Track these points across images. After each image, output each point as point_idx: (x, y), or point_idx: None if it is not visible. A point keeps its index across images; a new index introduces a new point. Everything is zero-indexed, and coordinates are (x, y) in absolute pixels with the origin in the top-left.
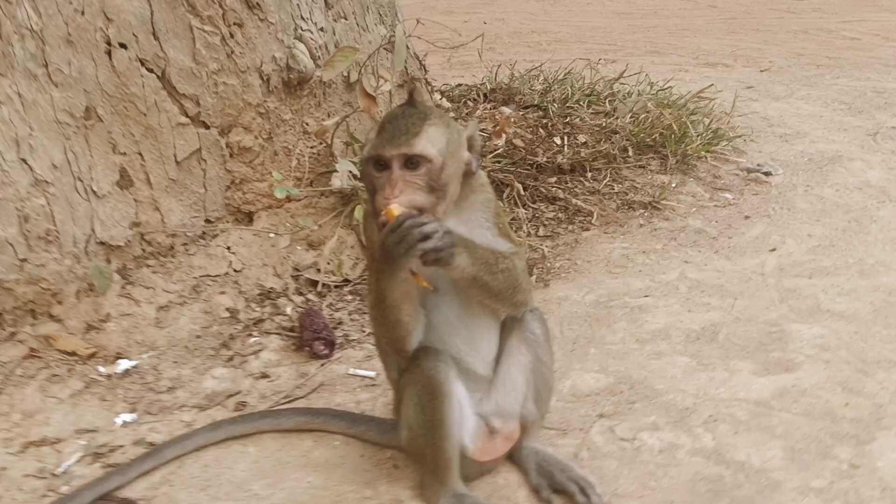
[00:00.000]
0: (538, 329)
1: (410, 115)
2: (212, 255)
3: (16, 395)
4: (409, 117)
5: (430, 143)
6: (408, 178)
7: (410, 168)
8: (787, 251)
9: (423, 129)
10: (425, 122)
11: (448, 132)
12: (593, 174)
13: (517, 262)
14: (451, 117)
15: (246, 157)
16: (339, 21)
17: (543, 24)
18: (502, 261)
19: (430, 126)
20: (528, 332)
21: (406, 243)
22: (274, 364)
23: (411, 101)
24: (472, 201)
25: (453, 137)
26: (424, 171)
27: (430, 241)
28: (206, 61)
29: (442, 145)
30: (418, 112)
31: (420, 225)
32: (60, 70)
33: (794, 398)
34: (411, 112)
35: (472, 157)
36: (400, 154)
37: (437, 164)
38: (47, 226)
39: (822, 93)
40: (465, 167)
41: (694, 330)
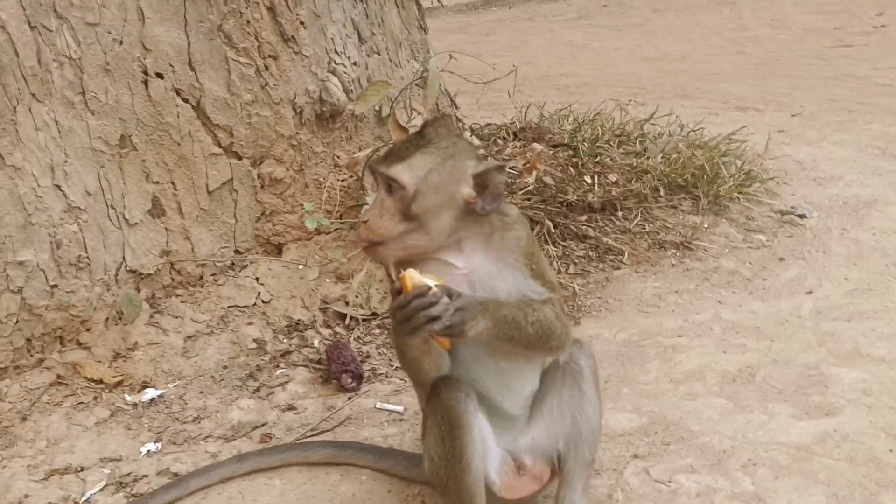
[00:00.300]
0: (583, 362)
1: (412, 140)
2: (240, 285)
3: (41, 422)
4: (410, 143)
5: (408, 170)
6: (386, 202)
7: (390, 192)
8: (823, 294)
9: (411, 155)
10: (418, 150)
11: (439, 164)
12: (624, 213)
13: (549, 311)
14: (479, 153)
15: (277, 188)
16: (372, 56)
17: (572, 67)
18: (532, 313)
19: (420, 154)
20: (572, 364)
21: (412, 324)
22: (301, 396)
23: (422, 130)
24: (500, 239)
25: (443, 170)
26: (399, 198)
27: (437, 323)
28: (241, 92)
29: (421, 173)
30: (421, 140)
31: (428, 306)
32: (97, 98)
33: (837, 443)
34: (415, 139)
35: (473, 194)
36: (381, 174)
37: (409, 193)
38: (79, 252)
39: (855, 137)
40: (467, 205)
41: (730, 371)
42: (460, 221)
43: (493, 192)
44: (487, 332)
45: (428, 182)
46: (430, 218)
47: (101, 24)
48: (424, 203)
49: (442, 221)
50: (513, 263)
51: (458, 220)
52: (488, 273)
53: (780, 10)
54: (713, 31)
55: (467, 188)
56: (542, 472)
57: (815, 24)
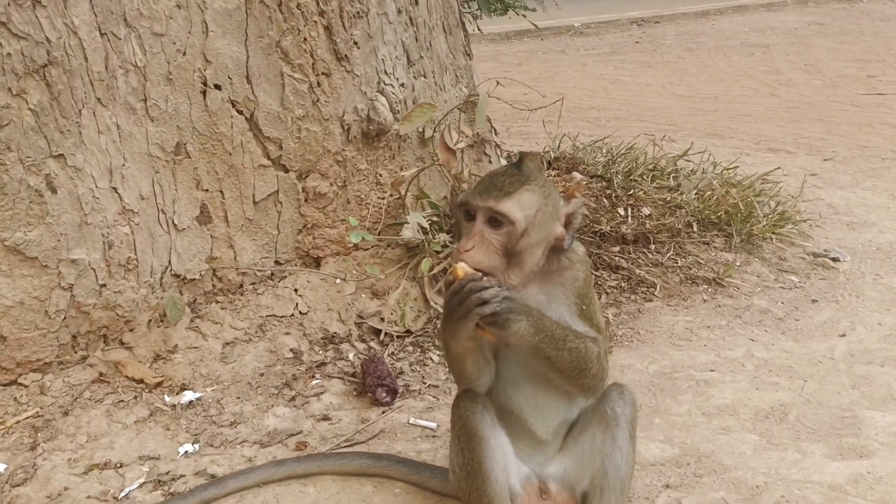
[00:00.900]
0: (620, 409)
1: (512, 174)
2: (279, 295)
3: (83, 418)
4: (510, 176)
5: (518, 206)
6: (487, 234)
7: (493, 226)
8: (857, 338)
9: (517, 190)
10: (523, 186)
11: (543, 201)
12: (657, 247)
13: (590, 346)
14: (555, 190)
15: (320, 202)
16: (418, 79)
17: (603, 101)
18: (572, 339)
19: (526, 190)
20: (607, 409)
21: (465, 307)
22: (335, 408)
23: (519, 163)
24: (559, 275)
25: (547, 208)
26: (505, 232)
27: (487, 306)
28: (293, 107)
29: (530, 211)
30: (521, 175)
31: (480, 290)
32: (158, 105)
33: (870, 485)
34: (514, 172)
35: (565, 233)
36: (486, 207)
37: (519, 229)
38: (129, 254)
39: (889, 185)
40: (556, 241)
41: (762, 408)
42: (543, 257)
43: (573, 229)
44: (528, 335)
45: (535, 220)
46: (529, 254)
47: (166, 34)
48: (529, 240)
49: (535, 257)
50: (564, 300)
51: (543, 256)
52: (538, 304)
53: (814, 55)
54: (745, 72)
55: (560, 226)
56: (565, 502)
57: (848, 71)
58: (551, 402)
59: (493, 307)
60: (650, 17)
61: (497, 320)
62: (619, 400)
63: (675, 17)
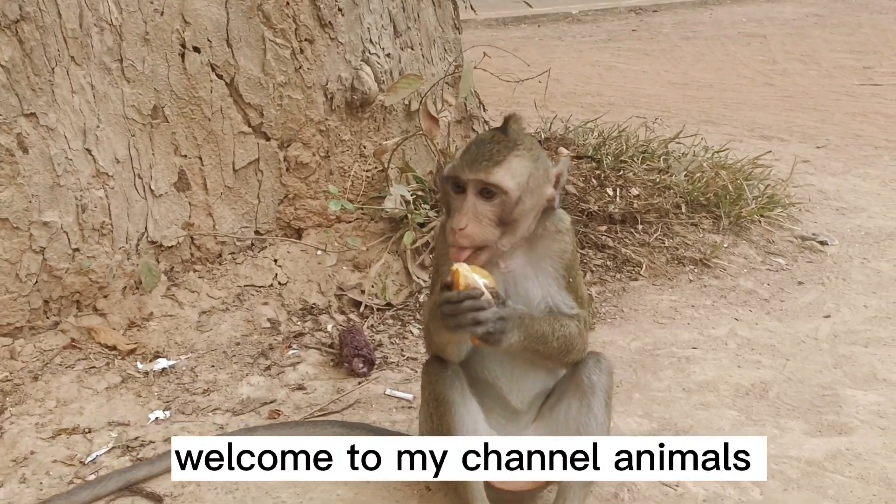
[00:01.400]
0: (596, 377)
1: (499, 141)
2: (258, 265)
3: (53, 383)
4: (497, 143)
5: (509, 175)
6: (480, 207)
7: (485, 197)
8: (841, 319)
9: (506, 158)
10: (511, 152)
11: (533, 166)
12: (644, 227)
13: (574, 327)
14: (542, 150)
15: (302, 172)
16: (405, 50)
17: (598, 87)
18: (559, 329)
19: (515, 157)
20: (584, 378)
21: (458, 321)
22: (311, 377)
23: (504, 127)
24: (547, 247)
25: (538, 172)
26: (498, 203)
27: (481, 327)
28: (275, 73)
29: (523, 179)
30: (507, 140)
31: (476, 309)
32: (134, 66)
33: (849, 461)
34: (500, 139)
35: (556, 193)
36: (476, 180)
37: (513, 198)
38: (103, 218)
39: (881, 172)
40: (547, 203)
41: (743, 385)
42: (534, 221)
43: (561, 187)
44: (518, 344)
45: (528, 186)
46: (523, 221)
47: None
48: (523, 207)
49: (528, 222)
50: (551, 273)
51: (534, 220)
52: (525, 276)
53: (811, 46)
54: (742, 62)
55: (551, 188)
56: None
57: (844, 62)
58: (529, 373)
59: (486, 328)
60: (648, 6)
61: (490, 339)
62: (596, 368)
63: (673, 6)
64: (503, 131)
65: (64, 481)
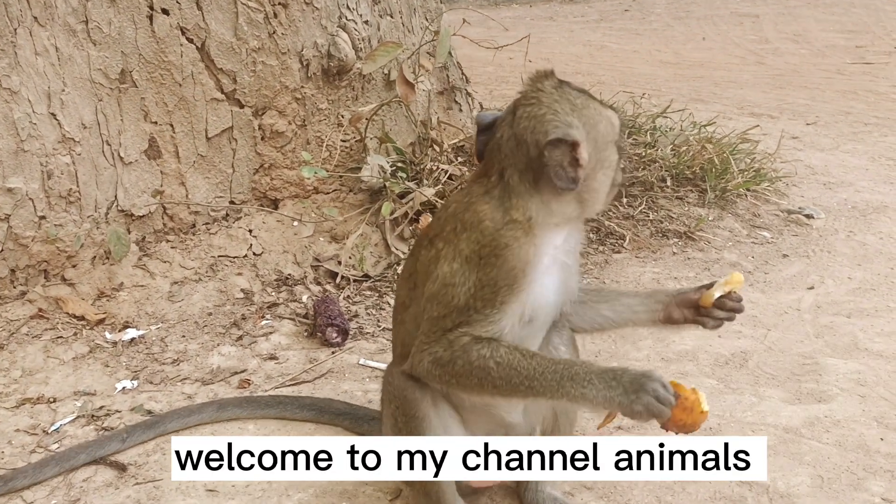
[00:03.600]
0: (563, 350)
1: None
2: (233, 236)
3: (18, 353)
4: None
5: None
6: None
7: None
8: (825, 291)
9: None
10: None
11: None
12: (629, 200)
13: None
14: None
15: (277, 141)
16: (384, 17)
17: (588, 66)
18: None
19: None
20: (550, 350)
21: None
22: (284, 347)
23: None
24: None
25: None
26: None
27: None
28: (247, 38)
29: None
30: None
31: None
32: (100, 28)
33: (826, 428)
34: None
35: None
36: None
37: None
38: (70, 185)
39: (869, 148)
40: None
41: (723, 355)
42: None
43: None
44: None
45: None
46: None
47: None
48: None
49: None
50: (577, 258)
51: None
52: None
53: (803, 26)
54: (734, 41)
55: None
56: None
57: (836, 41)
58: None
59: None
60: None
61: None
62: (558, 339)
63: None
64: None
65: (26, 450)
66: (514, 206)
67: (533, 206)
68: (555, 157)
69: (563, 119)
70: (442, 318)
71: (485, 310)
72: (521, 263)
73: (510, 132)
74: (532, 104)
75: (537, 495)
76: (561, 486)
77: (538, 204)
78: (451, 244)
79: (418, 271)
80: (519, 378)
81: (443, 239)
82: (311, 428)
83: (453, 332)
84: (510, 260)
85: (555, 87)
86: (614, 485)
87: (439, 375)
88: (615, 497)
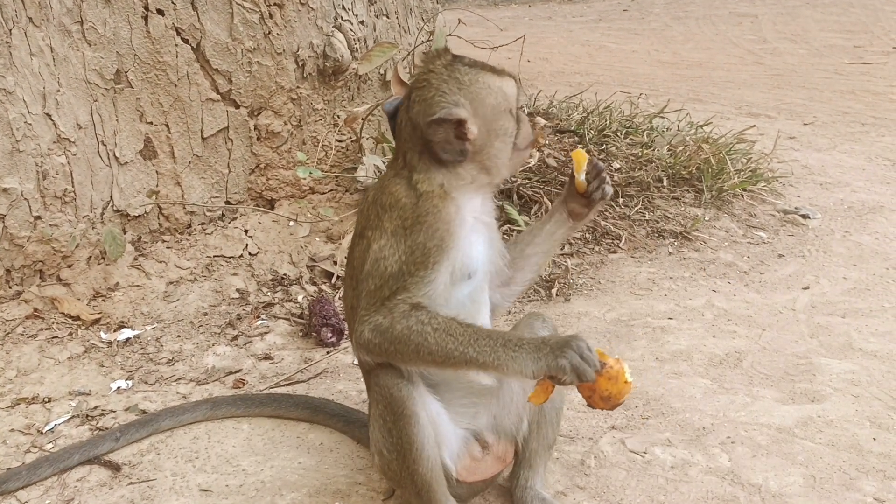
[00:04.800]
0: (545, 333)
1: None
2: (229, 236)
3: (13, 353)
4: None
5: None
6: None
7: None
8: (820, 291)
9: None
10: None
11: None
12: (625, 200)
13: None
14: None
15: (273, 141)
16: (380, 18)
17: (587, 66)
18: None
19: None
20: (533, 333)
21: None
22: (279, 347)
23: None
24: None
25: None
26: None
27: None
28: (243, 38)
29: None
30: None
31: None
32: (95, 29)
33: (819, 428)
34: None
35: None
36: None
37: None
38: (65, 186)
39: (866, 148)
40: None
41: (717, 355)
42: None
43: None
44: None
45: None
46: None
47: None
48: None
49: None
50: (495, 221)
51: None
52: (487, 225)
53: (802, 26)
54: (732, 41)
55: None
56: (505, 452)
57: (835, 41)
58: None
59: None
60: None
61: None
62: (542, 330)
63: None
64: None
65: (21, 450)
66: (421, 180)
67: (439, 176)
68: (439, 135)
69: (450, 99)
70: (379, 289)
71: (419, 272)
72: (444, 224)
73: (406, 117)
74: (423, 87)
75: (525, 493)
76: (553, 487)
77: (444, 174)
78: (377, 229)
79: (355, 267)
80: (454, 344)
81: (370, 227)
82: (306, 427)
83: (391, 300)
84: (433, 223)
85: (445, 66)
86: (607, 484)
87: (378, 343)
88: (608, 496)
